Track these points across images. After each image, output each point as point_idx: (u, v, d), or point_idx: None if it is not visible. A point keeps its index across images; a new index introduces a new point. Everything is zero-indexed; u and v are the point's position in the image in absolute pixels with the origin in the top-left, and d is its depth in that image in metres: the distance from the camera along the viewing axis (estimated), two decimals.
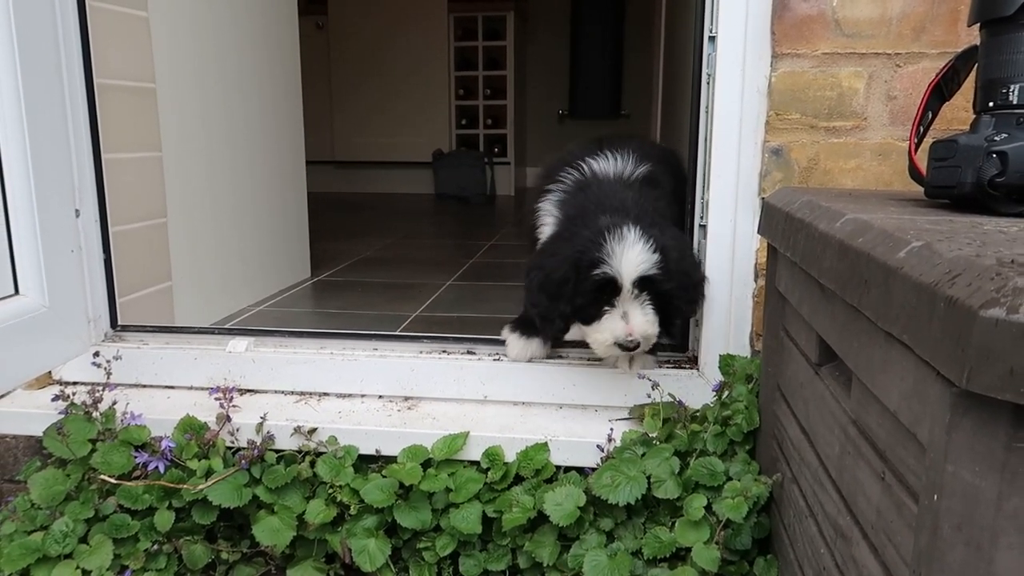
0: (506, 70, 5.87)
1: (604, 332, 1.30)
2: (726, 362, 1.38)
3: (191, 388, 1.58)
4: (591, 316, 1.32)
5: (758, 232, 1.33)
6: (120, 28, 1.72)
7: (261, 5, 2.36)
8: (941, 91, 1.07)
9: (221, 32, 2.14)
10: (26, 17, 1.39)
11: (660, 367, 1.49)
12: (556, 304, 1.33)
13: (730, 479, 1.23)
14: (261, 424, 1.40)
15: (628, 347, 1.30)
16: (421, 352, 1.57)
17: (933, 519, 0.59)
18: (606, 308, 1.30)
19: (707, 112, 1.40)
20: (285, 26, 2.55)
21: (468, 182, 5.72)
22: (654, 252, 1.27)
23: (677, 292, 1.31)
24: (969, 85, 0.99)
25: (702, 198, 1.43)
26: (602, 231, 1.28)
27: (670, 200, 1.49)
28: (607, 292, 1.29)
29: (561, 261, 1.33)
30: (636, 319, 1.28)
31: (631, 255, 1.26)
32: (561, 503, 1.25)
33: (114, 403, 1.45)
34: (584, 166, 1.48)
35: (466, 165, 5.78)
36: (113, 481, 1.33)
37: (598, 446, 1.34)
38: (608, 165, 1.47)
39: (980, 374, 0.51)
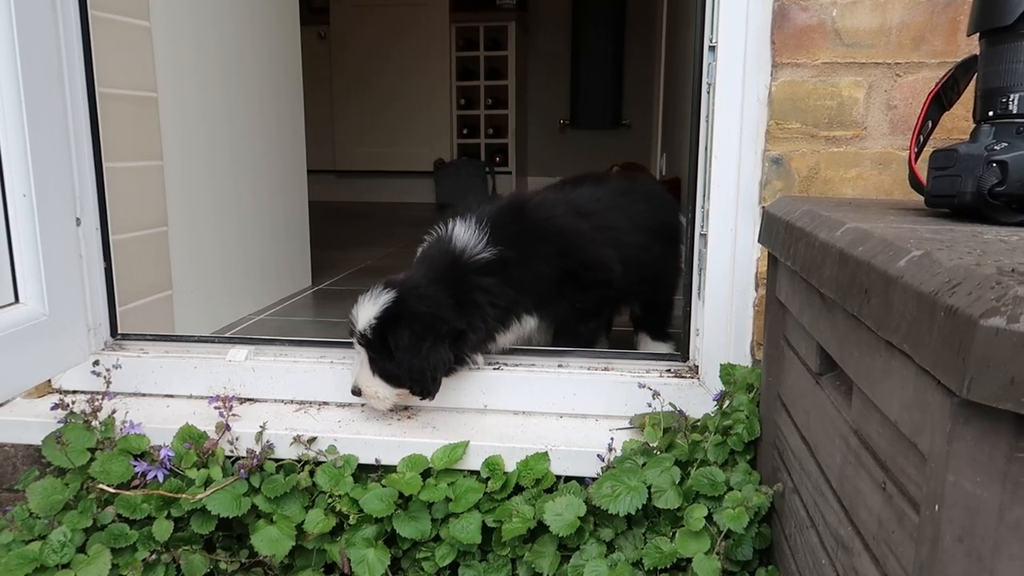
0: (507, 80, 5.88)
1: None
2: (727, 371, 1.38)
3: (191, 397, 1.58)
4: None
5: (758, 241, 1.33)
6: (122, 37, 1.73)
7: (263, 15, 2.37)
8: (941, 100, 1.07)
9: (223, 41, 2.15)
10: (28, 26, 1.40)
11: (661, 376, 1.49)
12: None
13: (731, 489, 1.23)
14: (260, 433, 1.40)
15: (355, 392, 1.45)
16: None
17: (934, 530, 0.59)
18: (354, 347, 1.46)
19: (707, 121, 1.40)
20: (287, 36, 2.56)
21: (469, 191, 5.72)
22: (377, 320, 1.38)
23: (394, 365, 1.40)
24: (969, 94, 0.99)
25: (703, 207, 1.43)
26: (375, 286, 1.44)
27: (522, 280, 1.51)
28: (351, 334, 1.44)
29: None
30: (360, 372, 1.44)
31: (362, 314, 1.41)
32: (561, 513, 1.24)
33: (113, 412, 1.45)
34: (439, 231, 1.55)
35: (467, 174, 5.79)
36: (112, 490, 1.32)
37: (598, 456, 1.34)
38: (458, 236, 1.50)
39: (981, 383, 0.51)
